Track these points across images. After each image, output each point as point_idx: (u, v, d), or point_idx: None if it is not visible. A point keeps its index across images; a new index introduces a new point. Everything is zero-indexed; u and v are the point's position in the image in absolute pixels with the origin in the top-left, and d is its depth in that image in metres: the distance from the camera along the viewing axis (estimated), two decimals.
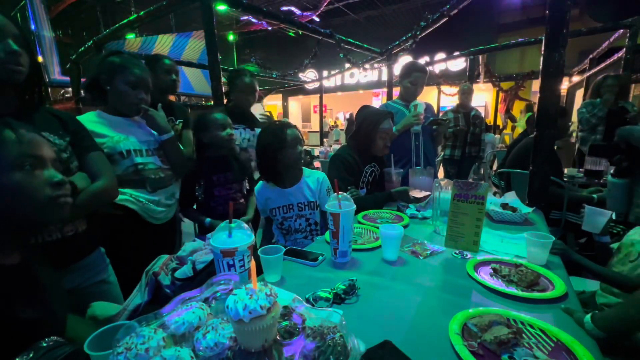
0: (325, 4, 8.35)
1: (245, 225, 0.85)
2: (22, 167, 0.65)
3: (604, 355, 0.64)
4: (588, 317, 0.69)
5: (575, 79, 6.22)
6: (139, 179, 1.31)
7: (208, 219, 1.61)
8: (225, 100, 2.26)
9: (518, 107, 7.33)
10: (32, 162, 0.66)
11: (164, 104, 1.88)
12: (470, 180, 1.04)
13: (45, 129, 0.93)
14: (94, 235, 1.09)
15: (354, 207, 1.03)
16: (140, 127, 1.38)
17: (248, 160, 2.01)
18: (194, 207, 1.73)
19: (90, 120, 1.26)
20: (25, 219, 0.67)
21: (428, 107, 2.23)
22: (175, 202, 1.51)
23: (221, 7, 2.54)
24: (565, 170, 2.79)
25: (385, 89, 5.51)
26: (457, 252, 1.09)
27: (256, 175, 1.75)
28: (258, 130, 2.13)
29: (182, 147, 1.89)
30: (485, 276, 0.93)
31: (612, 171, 1.82)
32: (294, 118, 14.66)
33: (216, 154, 1.65)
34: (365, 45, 4.26)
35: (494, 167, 5.03)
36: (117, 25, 3.32)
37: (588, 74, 5.00)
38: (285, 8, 8.71)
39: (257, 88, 2.07)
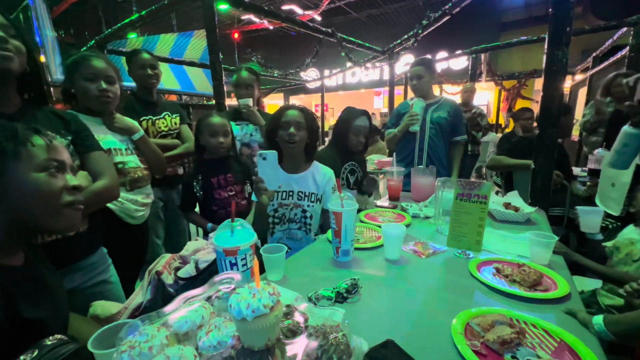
0: (327, 2, 8.31)
1: (248, 224, 0.85)
2: (47, 169, 0.67)
3: (606, 353, 0.64)
4: (599, 318, 0.68)
5: (579, 77, 6.18)
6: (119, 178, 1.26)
7: (210, 225, 1.61)
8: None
9: (520, 106, 7.29)
10: (56, 166, 0.69)
11: (146, 99, 1.88)
12: (473, 179, 1.04)
13: (48, 128, 0.93)
14: (95, 235, 1.09)
15: (357, 206, 1.03)
16: None
17: (250, 157, 1.99)
18: (196, 210, 1.72)
19: None
20: (40, 221, 0.68)
21: (445, 103, 2.22)
22: (151, 201, 1.49)
23: (222, 7, 2.54)
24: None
25: (387, 88, 5.48)
26: (460, 251, 1.09)
27: None
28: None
29: (184, 143, 1.90)
30: (487, 276, 0.93)
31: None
32: None
33: (214, 156, 1.65)
34: (367, 44, 4.25)
35: None
36: (119, 24, 3.32)
37: (591, 72, 4.96)
38: (286, 7, 8.68)
39: (253, 82, 2.00)
